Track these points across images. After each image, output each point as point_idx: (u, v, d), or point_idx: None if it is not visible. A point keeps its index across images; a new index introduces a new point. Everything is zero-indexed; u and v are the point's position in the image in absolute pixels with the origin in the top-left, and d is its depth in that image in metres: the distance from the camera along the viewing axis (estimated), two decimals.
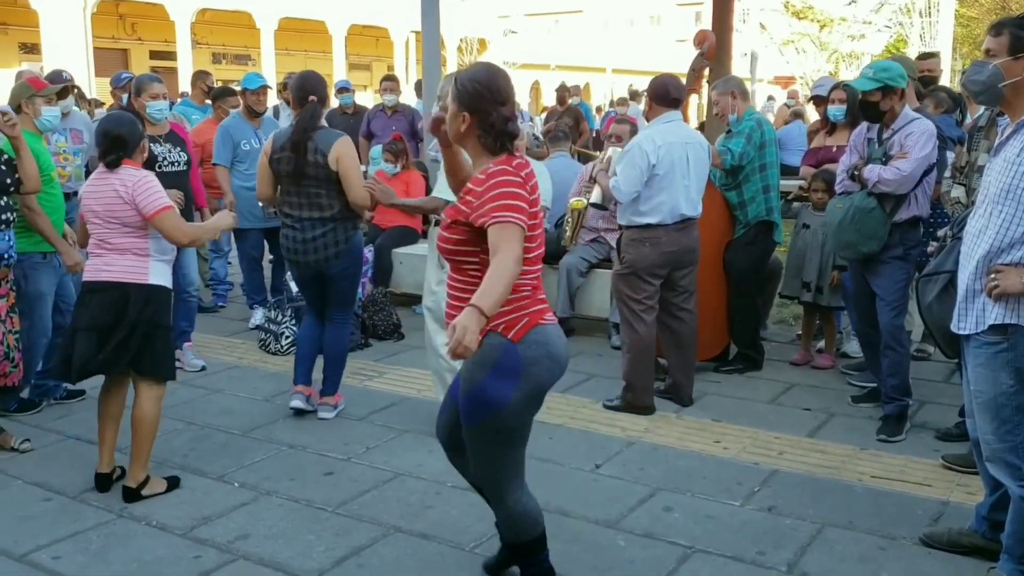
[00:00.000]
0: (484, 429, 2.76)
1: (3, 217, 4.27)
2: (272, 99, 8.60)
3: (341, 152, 4.57)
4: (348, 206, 4.67)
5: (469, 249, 2.72)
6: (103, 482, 3.99)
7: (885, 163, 4.48)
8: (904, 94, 4.51)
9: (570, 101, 13.20)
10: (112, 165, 3.88)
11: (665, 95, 4.86)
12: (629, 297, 4.91)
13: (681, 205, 4.82)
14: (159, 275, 3.94)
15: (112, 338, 3.81)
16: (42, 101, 4.82)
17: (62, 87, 5.16)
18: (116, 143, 3.88)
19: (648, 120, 5.00)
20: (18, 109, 4.83)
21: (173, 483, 4.02)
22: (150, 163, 5.36)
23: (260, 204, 6.43)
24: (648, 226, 4.81)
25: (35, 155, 4.64)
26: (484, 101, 2.72)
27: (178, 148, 5.81)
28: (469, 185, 2.75)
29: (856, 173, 4.58)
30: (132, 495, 3.88)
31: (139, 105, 5.67)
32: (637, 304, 4.89)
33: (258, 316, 6.69)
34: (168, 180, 4.86)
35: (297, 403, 4.91)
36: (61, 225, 4.92)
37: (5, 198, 4.31)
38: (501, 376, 2.68)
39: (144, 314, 3.84)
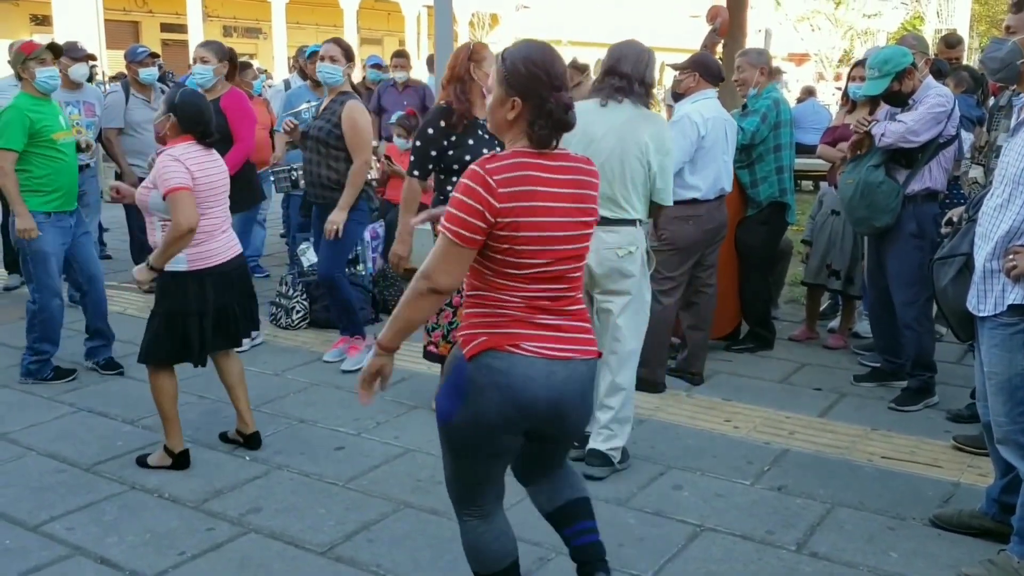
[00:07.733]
0: (440, 432, 2.47)
1: None
2: (284, 72, 8.54)
3: None
4: None
5: None
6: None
7: None
8: (916, 65, 4.47)
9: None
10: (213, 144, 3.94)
11: (716, 71, 4.93)
12: (660, 274, 4.86)
13: (722, 178, 4.87)
14: None
15: (248, 308, 4.15)
16: (35, 63, 4.77)
17: (49, 43, 5.07)
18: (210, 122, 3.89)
19: (683, 93, 4.96)
20: (19, 77, 4.84)
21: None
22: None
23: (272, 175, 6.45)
24: (694, 201, 4.78)
25: (35, 119, 4.67)
26: (540, 85, 2.27)
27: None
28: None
29: (865, 130, 4.57)
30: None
31: (244, 83, 5.78)
32: (667, 281, 4.83)
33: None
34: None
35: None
36: (75, 190, 4.94)
37: None
38: (449, 392, 2.38)
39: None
